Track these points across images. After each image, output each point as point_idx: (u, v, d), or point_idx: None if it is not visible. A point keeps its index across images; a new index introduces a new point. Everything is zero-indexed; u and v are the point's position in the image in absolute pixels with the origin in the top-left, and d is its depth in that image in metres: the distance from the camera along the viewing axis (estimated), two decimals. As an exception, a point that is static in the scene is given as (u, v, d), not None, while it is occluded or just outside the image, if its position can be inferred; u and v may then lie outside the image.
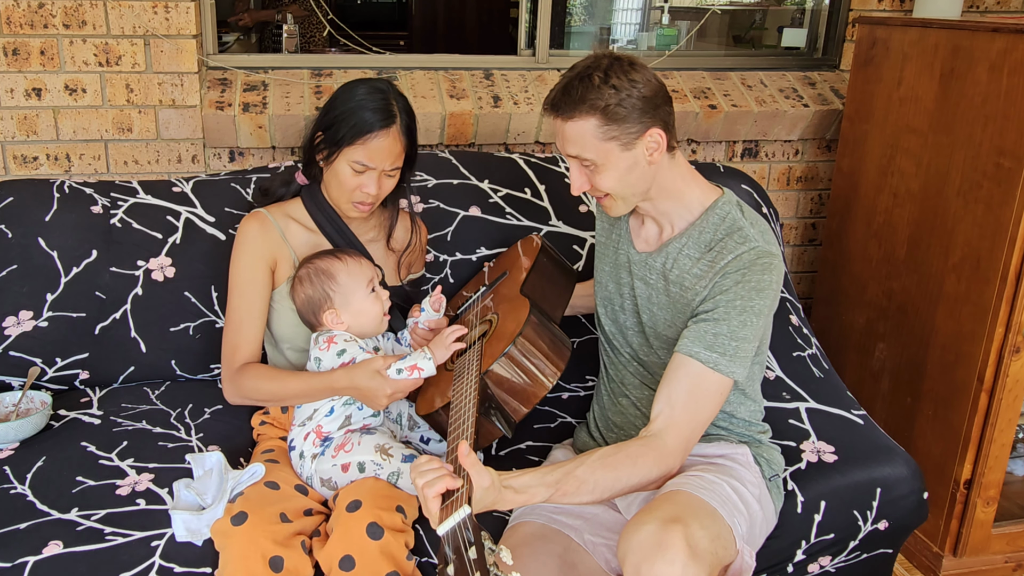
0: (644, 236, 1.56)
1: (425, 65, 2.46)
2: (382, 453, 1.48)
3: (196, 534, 1.39)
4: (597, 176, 1.42)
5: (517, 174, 2.14)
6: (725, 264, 1.41)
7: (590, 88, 1.37)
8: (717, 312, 1.39)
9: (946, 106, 2.04)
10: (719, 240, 1.45)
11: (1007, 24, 1.87)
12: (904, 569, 2.19)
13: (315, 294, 1.58)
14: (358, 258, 1.62)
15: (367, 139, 1.56)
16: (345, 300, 1.57)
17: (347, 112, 1.57)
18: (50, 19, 2.07)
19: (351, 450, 1.49)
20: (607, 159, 1.40)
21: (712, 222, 1.47)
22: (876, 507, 1.63)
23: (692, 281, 1.45)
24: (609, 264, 1.63)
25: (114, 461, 1.58)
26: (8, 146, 2.16)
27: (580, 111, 1.37)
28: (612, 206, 1.47)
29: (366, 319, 1.60)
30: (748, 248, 1.41)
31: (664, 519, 1.21)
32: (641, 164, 1.42)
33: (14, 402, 1.71)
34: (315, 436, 1.53)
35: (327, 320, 1.58)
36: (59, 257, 1.82)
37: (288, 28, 3.50)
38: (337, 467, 1.49)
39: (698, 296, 1.44)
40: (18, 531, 1.39)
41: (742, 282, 1.39)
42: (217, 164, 2.29)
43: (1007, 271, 1.88)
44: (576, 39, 4.39)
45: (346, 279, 1.58)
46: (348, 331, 1.58)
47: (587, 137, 1.39)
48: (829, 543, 1.62)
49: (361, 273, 1.59)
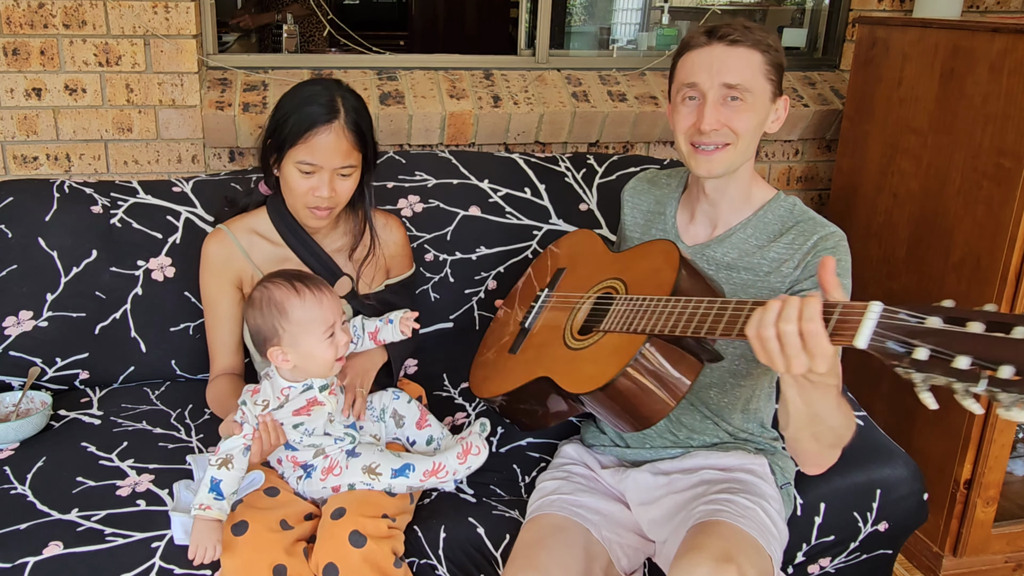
0: (693, 232, 1.55)
1: (425, 65, 2.46)
2: (370, 474, 1.45)
3: None
4: (740, 114, 1.40)
5: (517, 174, 2.14)
6: (813, 244, 1.42)
7: (758, 30, 1.41)
8: None
9: (946, 106, 2.04)
10: (791, 227, 1.46)
11: (1007, 24, 1.87)
12: (904, 569, 2.19)
13: (264, 325, 1.42)
14: (321, 294, 1.42)
15: (309, 136, 1.48)
16: (294, 340, 1.40)
17: (290, 111, 1.51)
18: (50, 19, 2.06)
19: (340, 474, 1.45)
20: (760, 97, 1.41)
21: (777, 213, 1.49)
22: (876, 508, 1.63)
23: (773, 265, 1.44)
24: None
25: (114, 462, 1.58)
26: (8, 146, 2.15)
27: (751, 42, 1.39)
28: (722, 159, 1.43)
29: (314, 365, 1.43)
30: (831, 231, 1.44)
31: (716, 558, 1.22)
32: (765, 123, 1.44)
33: (14, 402, 1.70)
34: (291, 465, 1.48)
35: (272, 356, 1.41)
36: (59, 257, 1.81)
37: (288, 28, 3.50)
38: (327, 488, 1.46)
39: (788, 277, 1.43)
40: (18, 531, 1.39)
41: (839, 263, 1.40)
42: (217, 164, 2.29)
43: (1007, 271, 1.88)
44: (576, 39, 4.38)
45: (300, 317, 1.40)
46: (293, 371, 1.43)
47: (754, 67, 1.40)
48: (829, 544, 1.62)
49: (319, 315, 1.41)
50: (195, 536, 1.31)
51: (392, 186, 2.03)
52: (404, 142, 2.34)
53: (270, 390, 1.43)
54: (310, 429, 1.45)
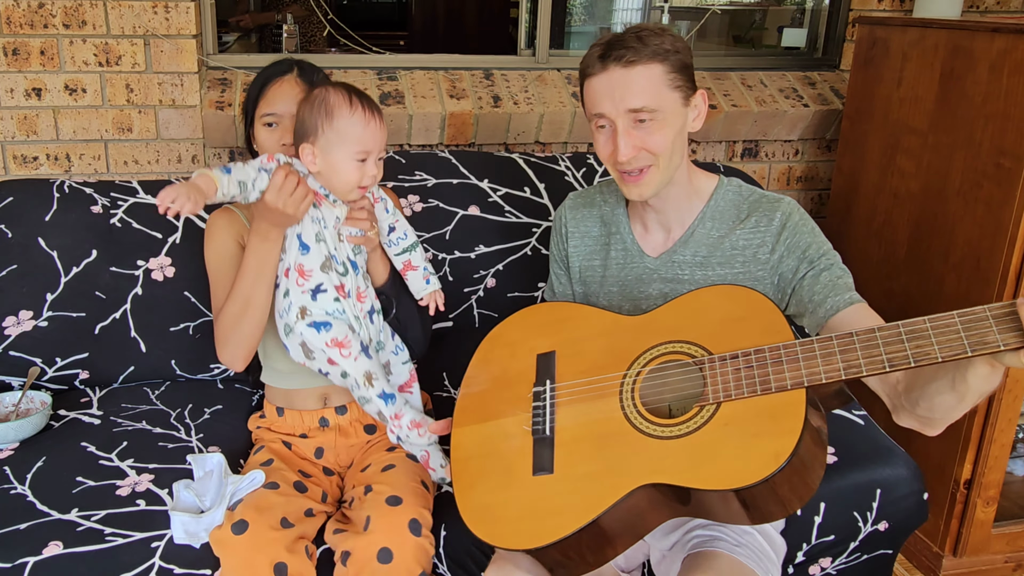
0: (652, 242, 1.51)
1: (425, 65, 2.46)
2: (367, 379, 1.45)
3: (194, 537, 1.39)
4: (653, 135, 1.35)
5: (517, 173, 2.14)
6: (780, 223, 1.41)
7: (652, 36, 1.34)
8: (821, 261, 1.38)
9: (946, 106, 2.04)
10: (747, 210, 1.45)
11: (1007, 24, 1.87)
12: (904, 569, 2.19)
13: (308, 120, 1.43)
14: (372, 117, 1.44)
15: (265, 90, 1.57)
16: (327, 145, 1.42)
17: (252, 82, 1.62)
18: (50, 19, 2.06)
19: (347, 356, 1.44)
20: (670, 111, 1.36)
21: (728, 199, 1.47)
22: (876, 508, 1.63)
23: (747, 253, 1.42)
24: (615, 287, 1.53)
25: (114, 461, 1.58)
26: (8, 146, 2.15)
27: (647, 56, 1.33)
28: (650, 181, 1.39)
29: (336, 179, 1.44)
30: (787, 204, 1.44)
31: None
32: (686, 128, 1.40)
33: (14, 402, 1.70)
34: (298, 276, 1.44)
35: (303, 152, 1.44)
36: (59, 257, 1.81)
37: (288, 28, 3.50)
38: (323, 354, 1.44)
39: (767, 263, 1.41)
40: (18, 531, 1.39)
41: (811, 230, 1.41)
42: (217, 164, 2.29)
43: (1007, 271, 1.88)
44: (576, 39, 4.39)
45: (342, 127, 1.41)
46: (317, 176, 1.44)
47: (656, 83, 1.34)
48: (829, 544, 1.62)
49: (361, 134, 1.42)
50: (178, 185, 1.23)
51: (392, 186, 2.04)
52: (404, 142, 2.34)
53: (300, 167, 1.44)
54: (322, 219, 1.44)
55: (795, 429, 1.04)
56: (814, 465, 1.09)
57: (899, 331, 1.06)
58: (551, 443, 1.24)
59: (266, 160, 1.39)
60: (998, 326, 1.00)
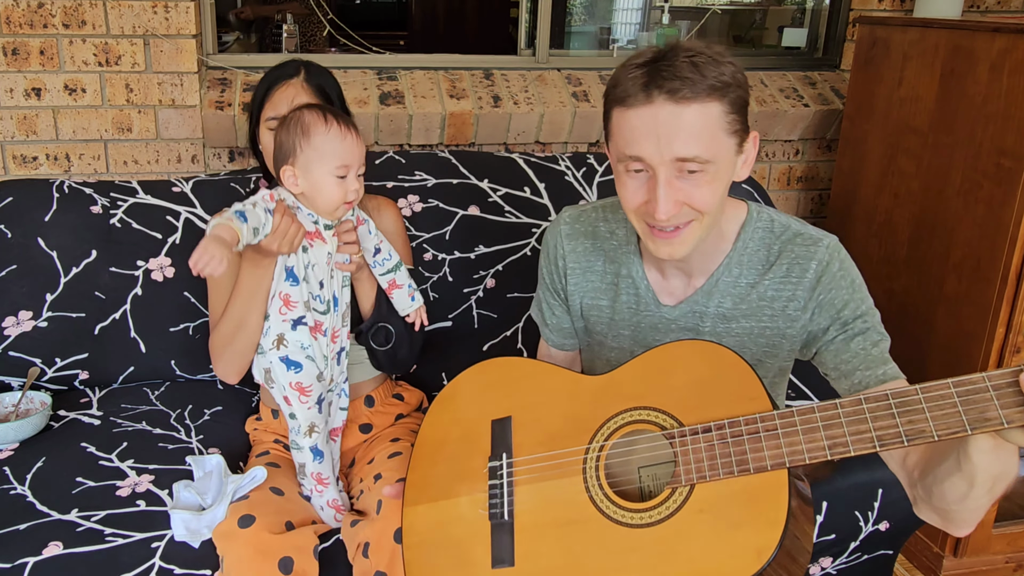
0: (670, 290, 1.32)
1: (425, 65, 2.45)
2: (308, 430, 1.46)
3: (195, 535, 1.39)
4: (701, 189, 1.11)
5: (517, 173, 2.14)
6: (816, 276, 1.22)
7: (709, 65, 1.07)
8: (856, 324, 1.21)
9: (946, 106, 2.04)
10: (778, 252, 1.25)
11: (1007, 24, 1.87)
12: (904, 569, 2.19)
13: (286, 142, 1.42)
14: (347, 132, 1.43)
15: (271, 93, 1.58)
16: (307, 164, 1.41)
17: (259, 83, 1.62)
18: (50, 19, 2.06)
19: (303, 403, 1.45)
20: (723, 161, 1.12)
21: (757, 236, 1.27)
22: (877, 508, 1.63)
23: (775, 306, 1.25)
24: (626, 331, 1.36)
25: (114, 462, 1.57)
26: (8, 146, 2.15)
27: (704, 92, 1.07)
28: (688, 239, 1.16)
29: (320, 198, 1.43)
30: (824, 247, 1.23)
31: None
32: (731, 178, 1.17)
33: (14, 402, 1.70)
34: (282, 304, 1.44)
35: (284, 175, 1.42)
36: (59, 257, 1.81)
37: (288, 28, 3.49)
38: (283, 390, 1.45)
39: (797, 321, 1.24)
40: (18, 532, 1.39)
41: (851, 284, 1.22)
42: (217, 164, 2.28)
43: (1007, 271, 1.88)
44: (576, 39, 4.38)
45: (320, 144, 1.40)
46: (300, 198, 1.44)
47: (712, 127, 1.09)
48: (830, 544, 1.62)
49: (338, 149, 1.41)
50: (206, 242, 1.23)
51: (392, 186, 2.03)
52: (404, 142, 2.34)
53: (286, 194, 1.45)
54: (312, 262, 1.45)
55: (778, 520, 0.91)
56: (801, 548, 0.96)
57: (888, 403, 0.94)
58: (510, 529, 1.12)
59: (268, 199, 1.39)
60: (1000, 400, 0.88)
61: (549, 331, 1.49)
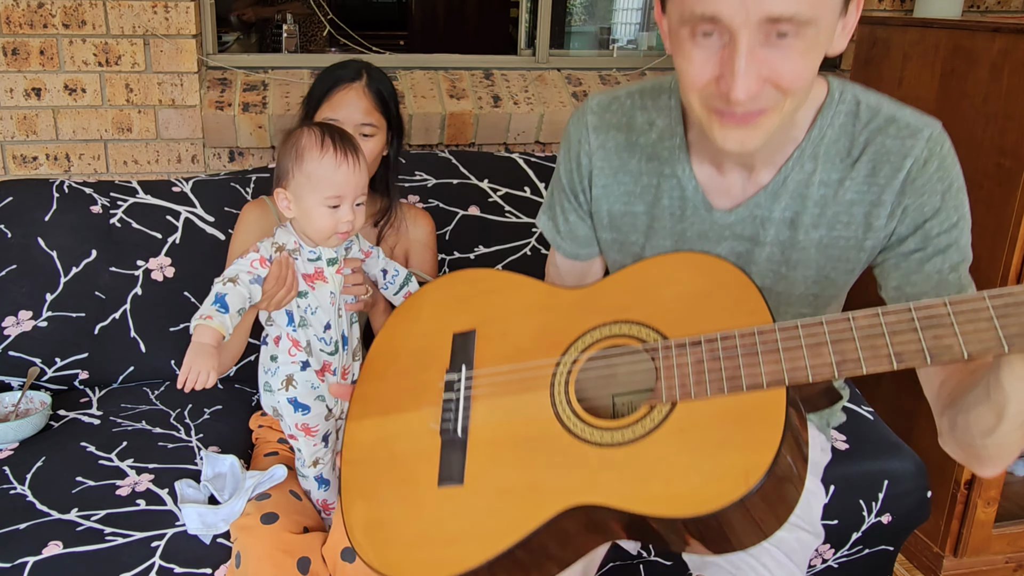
0: (725, 190, 1.10)
1: (425, 65, 2.45)
2: (313, 463, 1.47)
3: (211, 528, 1.39)
4: (792, 60, 0.88)
5: (517, 173, 2.14)
6: (910, 175, 1.01)
7: None
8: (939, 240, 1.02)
9: (946, 106, 2.04)
10: (865, 144, 1.03)
11: (1007, 24, 1.87)
12: (905, 569, 2.19)
13: (282, 163, 1.37)
14: (344, 160, 1.34)
15: (332, 94, 1.56)
16: (299, 190, 1.35)
17: (320, 78, 1.60)
18: (50, 19, 2.06)
19: (309, 440, 1.45)
20: (825, 25, 0.88)
21: (838, 123, 1.05)
22: (881, 499, 1.64)
23: (864, 210, 1.04)
24: (667, 240, 1.14)
25: (114, 461, 1.57)
26: (8, 146, 2.15)
27: None
28: (765, 127, 0.94)
29: (310, 226, 1.37)
30: (923, 140, 1.02)
31: None
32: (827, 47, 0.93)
33: (13, 402, 1.70)
34: (291, 345, 1.41)
35: (277, 196, 1.38)
36: (59, 257, 1.81)
37: (288, 28, 3.50)
38: (289, 428, 1.45)
39: (889, 225, 1.04)
40: (18, 531, 1.39)
41: (948, 188, 1.01)
42: (217, 164, 2.29)
43: (1007, 271, 1.88)
44: (576, 39, 4.39)
45: (312, 171, 1.34)
46: (293, 223, 1.39)
47: None
48: (832, 530, 1.63)
49: (331, 178, 1.33)
50: (190, 357, 1.20)
51: (392, 186, 2.04)
52: (404, 142, 2.34)
53: (285, 235, 1.40)
54: (312, 307, 1.42)
55: (771, 441, 0.79)
56: (790, 487, 0.83)
57: (910, 315, 0.81)
58: (463, 446, 1.00)
59: (259, 265, 1.34)
60: None
61: (561, 239, 1.27)
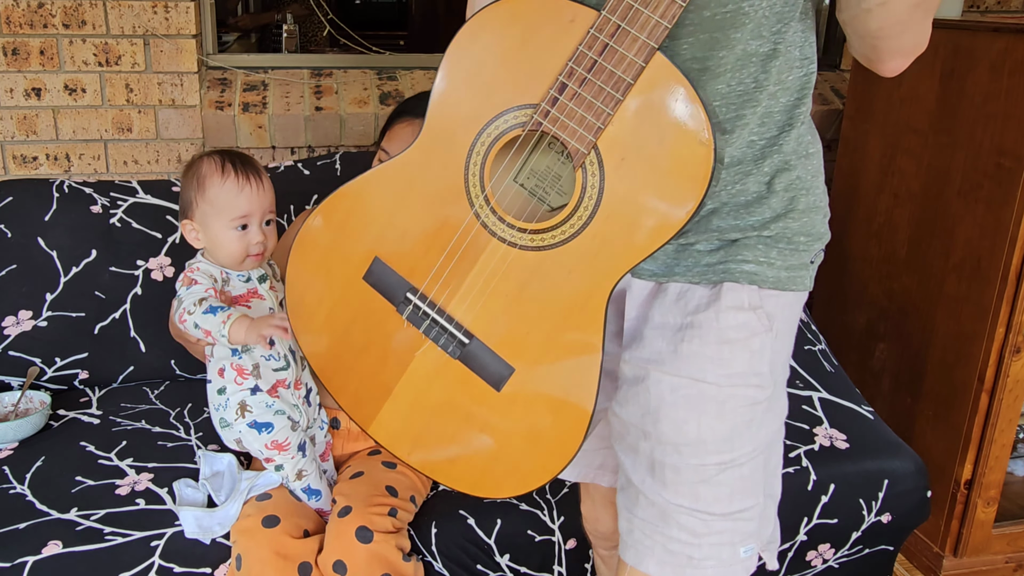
0: None
1: (425, 65, 2.45)
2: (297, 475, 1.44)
3: (208, 531, 1.39)
4: None
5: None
6: None
7: None
8: None
9: (947, 106, 2.04)
10: None
11: (1008, 24, 1.87)
12: (904, 569, 2.19)
13: (184, 195, 1.36)
14: (247, 182, 1.33)
15: (393, 126, 1.58)
16: (204, 218, 1.35)
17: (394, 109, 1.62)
18: (50, 19, 2.06)
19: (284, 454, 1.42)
20: None
21: None
22: (881, 498, 1.64)
23: None
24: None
25: (113, 461, 1.57)
26: (8, 146, 2.15)
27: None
28: None
29: (221, 252, 1.37)
30: None
31: None
32: None
33: (13, 402, 1.70)
34: (236, 375, 1.39)
35: (184, 229, 1.38)
36: (59, 257, 1.81)
37: (288, 28, 3.50)
38: (261, 454, 1.42)
39: None
40: (17, 531, 1.39)
41: None
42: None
43: (1008, 271, 1.88)
44: (576, 39, 4.38)
45: (215, 197, 1.33)
46: (205, 253, 1.39)
47: None
48: (831, 528, 1.63)
49: (235, 202, 1.32)
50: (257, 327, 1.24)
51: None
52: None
53: (208, 267, 1.38)
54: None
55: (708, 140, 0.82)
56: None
57: None
58: (482, 347, 0.96)
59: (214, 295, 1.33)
60: None
61: None
